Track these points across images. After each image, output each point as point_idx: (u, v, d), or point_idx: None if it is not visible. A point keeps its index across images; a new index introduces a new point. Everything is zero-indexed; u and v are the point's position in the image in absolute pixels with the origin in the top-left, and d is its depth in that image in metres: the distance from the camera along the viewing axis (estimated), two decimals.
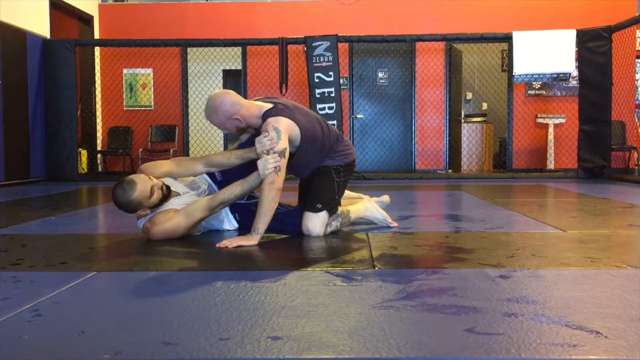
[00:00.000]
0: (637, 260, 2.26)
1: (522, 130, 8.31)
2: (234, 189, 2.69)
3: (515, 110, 8.24)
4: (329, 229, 2.88)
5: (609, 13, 7.90)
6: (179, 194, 2.82)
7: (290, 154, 2.76)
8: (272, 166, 2.58)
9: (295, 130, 2.70)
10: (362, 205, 3.14)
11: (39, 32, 7.29)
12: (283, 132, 2.63)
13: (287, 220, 2.89)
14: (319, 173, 2.92)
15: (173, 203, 2.76)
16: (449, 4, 8.43)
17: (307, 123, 2.78)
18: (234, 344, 1.35)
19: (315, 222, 2.83)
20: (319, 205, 2.84)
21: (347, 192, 3.23)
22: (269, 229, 2.72)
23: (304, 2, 8.56)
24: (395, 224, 3.14)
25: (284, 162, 2.62)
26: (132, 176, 2.67)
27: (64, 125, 7.24)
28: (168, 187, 2.74)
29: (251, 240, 2.61)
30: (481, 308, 1.61)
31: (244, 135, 2.94)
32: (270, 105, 2.75)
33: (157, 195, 2.66)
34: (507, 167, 8.19)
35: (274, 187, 2.59)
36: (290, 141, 2.71)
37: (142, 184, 2.62)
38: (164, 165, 2.89)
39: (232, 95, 2.75)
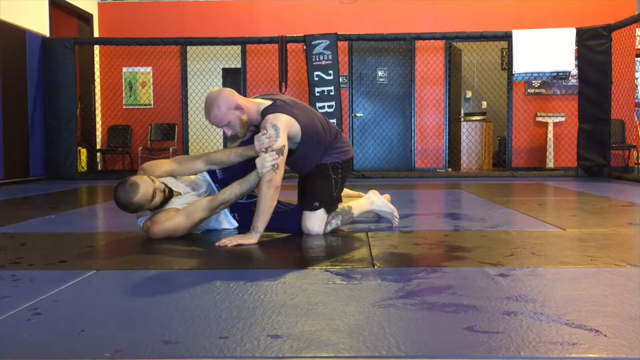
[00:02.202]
0: (637, 258, 2.26)
1: (522, 129, 8.31)
2: (234, 189, 2.69)
3: (514, 108, 8.24)
4: (329, 227, 2.88)
5: (608, 11, 7.90)
6: (180, 194, 2.82)
7: (291, 150, 2.76)
8: (270, 164, 2.57)
9: (295, 127, 2.69)
10: (366, 200, 3.12)
11: (38, 30, 7.28)
12: (282, 129, 2.62)
13: (287, 219, 2.89)
14: (316, 171, 2.90)
15: (174, 203, 2.76)
16: (448, 3, 8.43)
17: (307, 119, 2.77)
18: (234, 342, 1.35)
19: (314, 221, 2.83)
20: (317, 204, 2.84)
21: (346, 191, 3.22)
22: (269, 228, 2.72)
23: (303, 0, 8.55)
24: (397, 221, 3.14)
25: (282, 160, 2.62)
26: (135, 178, 2.65)
27: (63, 124, 7.24)
28: (170, 190, 2.74)
29: (250, 239, 2.60)
30: (480, 307, 1.61)
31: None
32: (269, 102, 2.73)
33: (158, 198, 2.66)
34: (507, 166, 8.19)
35: (272, 185, 2.59)
36: (290, 137, 2.70)
37: (145, 186, 2.61)
38: (165, 165, 2.88)
39: (229, 90, 2.74)
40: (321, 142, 2.84)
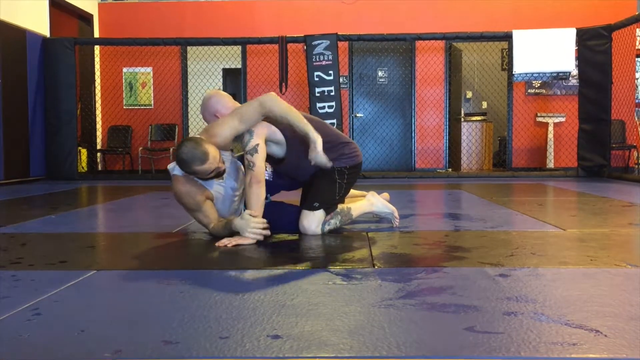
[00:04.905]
0: (637, 259, 2.26)
1: (522, 129, 8.31)
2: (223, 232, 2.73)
3: (515, 109, 8.24)
4: (327, 227, 2.88)
5: (609, 12, 7.91)
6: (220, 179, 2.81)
7: (281, 159, 2.84)
8: (252, 233, 2.60)
9: (275, 133, 2.75)
10: (366, 201, 3.13)
11: (38, 30, 7.28)
12: (258, 134, 2.68)
13: (287, 219, 2.89)
14: (322, 174, 2.91)
15: (212, 187, 2.77)
16: (448, 3, 8.43)
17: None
18: (234, 342, 1.35)
19: (311, 220, 2.83)
20: (317, 204, 2.85)
21: (351, 191, 3.23)
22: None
23: (303, 0, 8.56)
24: (397, 222, 3.14)
25: (258, 157, 2.64)
26: (209, 147, 2.57)
27: (63, 124, 7.25)
28: (223, 172, 2.72)
29: (250, 239, 2.61)
30: (481, 307, 1.61)
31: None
32: None
33: (212, 176, 2.66)
34: (507, 166, 8.19)
35: (252, 181, 2.63)
36: (274, 142, 2.76)
37: (210, 162, 2.57)
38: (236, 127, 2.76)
39: (220, 96, 2.87)
40: None
